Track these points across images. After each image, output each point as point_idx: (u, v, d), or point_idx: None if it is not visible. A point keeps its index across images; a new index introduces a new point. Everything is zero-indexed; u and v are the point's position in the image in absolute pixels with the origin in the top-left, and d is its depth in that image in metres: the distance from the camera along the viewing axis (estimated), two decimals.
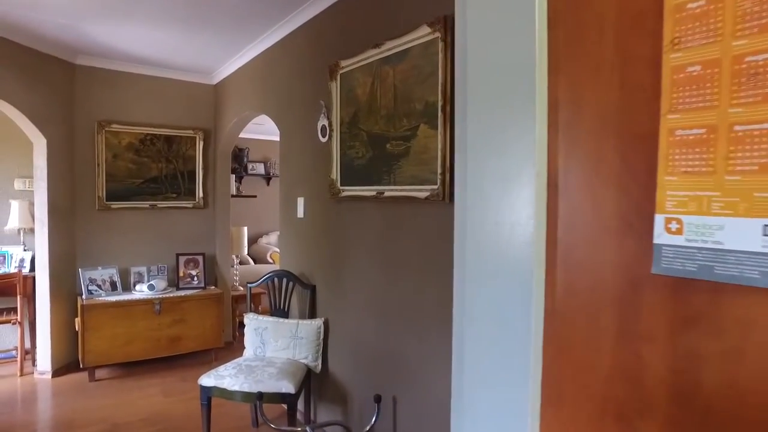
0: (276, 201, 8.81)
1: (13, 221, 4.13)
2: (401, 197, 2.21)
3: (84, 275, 3.81)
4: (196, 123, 4.46)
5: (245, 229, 4.87)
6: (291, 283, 2.96)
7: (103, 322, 3.66)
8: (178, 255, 4.26)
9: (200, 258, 4.33)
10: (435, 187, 2.02)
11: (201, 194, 4.47)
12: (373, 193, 2.39)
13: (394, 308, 2.27)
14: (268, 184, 7.84)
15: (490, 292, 0.95)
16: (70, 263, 3.90)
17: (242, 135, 5.75)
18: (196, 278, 4.27)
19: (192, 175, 4.44)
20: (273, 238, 7.89)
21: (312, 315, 2.91)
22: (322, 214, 2.83)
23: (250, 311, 3.00)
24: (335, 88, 2.67)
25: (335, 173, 2.67)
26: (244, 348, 2.89)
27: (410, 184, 2.18)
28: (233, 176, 5.97)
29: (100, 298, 3.77)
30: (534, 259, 0.87)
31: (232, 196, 5.01)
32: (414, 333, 2.15)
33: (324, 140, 2.79)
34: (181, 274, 4.24)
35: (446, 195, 1.97)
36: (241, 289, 5.00)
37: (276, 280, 3.00)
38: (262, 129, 6.88)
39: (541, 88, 0.83)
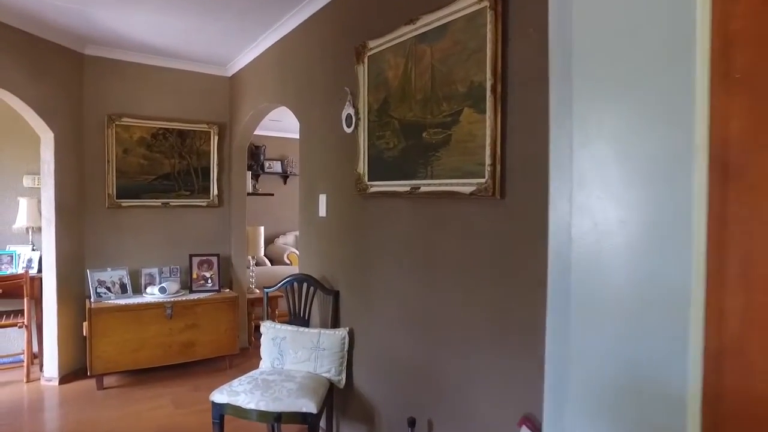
0: (294, 200, 8.57)
1: (22, 219, 3.95)
2: (441, 192, 1.93)
3: (92, 277, 3.61)
4: (211, 117, 4.24)
5: (262, 229, 4.64)
6: (312, 289, 2.70)
7: (112, 327, 3.45)
8: (191, 256, 4.04)
9: (214, 259, 4.11)
10: (482, 180, 1.73)
11: (215, 192, 4.24)
12: (407, 188, 2.11)
13: (433, 320, 1.99)
14: (285, 182, 7.63)
15: (616, 333, 0.65)
16: (78, 264, 3.70)
17: (259, 132, 5.53)
18: (210, 281, 4.05)
19: (206, 171, 4.21)
20: (290, 238, 7.67)
21: (335, 324, 2.64)
22: (347, 212, 2.57)
23: (267, 319, 2.74)
24: (362, 72, 2.40)
25: (362, 167, 2.40)
26: (260, 358, 2.64)
27: (451, 178, 1.90)
28: (249, 174, 5.75)
29: (109, 302, 3.56)
30: (692, 279, 0.57)
31: (249, 194, 4.78)
32: (456, 349, 1.86)
33: (349, 131, 2.52)
34: (194, 276, 4.02)
35: (497, 190, 1.68)
36: (257, 291, 4.76)
37: (295, 284, 2.74)
38: (280, 126, 6.66)
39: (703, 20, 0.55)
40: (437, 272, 1.97)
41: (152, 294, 3.76)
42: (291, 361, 2.52)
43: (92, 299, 3.55)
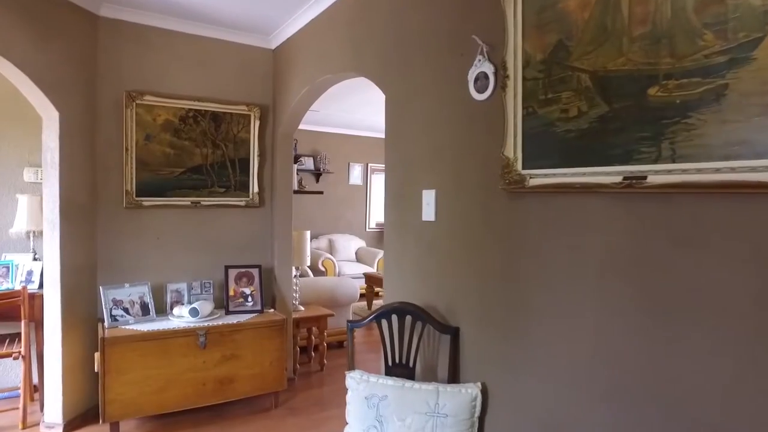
0: (328, 200, 7.82)
1: (21, 221, 3.21)
2: (698, 184, 1.13)
3: (107, 295, 2.85)
4: (251, 97, 3.47)
5: (308, 233, 3.86)
6: (419, 324, 1.91)
7: (132, 361, 2.68)
8: (227, 268, 3.28)
9: (255, 272, 3.34)
10: None
11: (256, 189, 3.47)
12: (616, 178, 1.31)
13: (668, 393, 1.19)
14: (317, 180, 6.89)
15: None
16: (89, 278, 2.94)
17: None
18: (250, 298, 3.28)
19: (245, 164, 3.45)
20: (323, 242, 6.92)
21: (454, 376, 1.85)
22: (476, 215, 1.78)
23: (354, 367, 1.96)
24: (513, 8, 1.61)
25: (512, 148, 1.61)
26: (346, 422, 1.86)
27: (726, 159, 1.10)
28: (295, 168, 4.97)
29: (128, 327, 2.80)
30: None
31: (294, 191, 4.00)
32: None
33: (483, 97, 1.74)
34: (231, 292, 3.25)
35: None
36: (302, 309, 3.99)
37: (395, 318, 1.95)
38: (311, 118, 5.92)
39: None
40: (685, 319, 1.18)
41: (181, 317, 2.99)
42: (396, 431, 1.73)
43: (106, 324, 2.78)
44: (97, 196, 2.98)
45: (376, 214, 8.58)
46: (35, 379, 3.11)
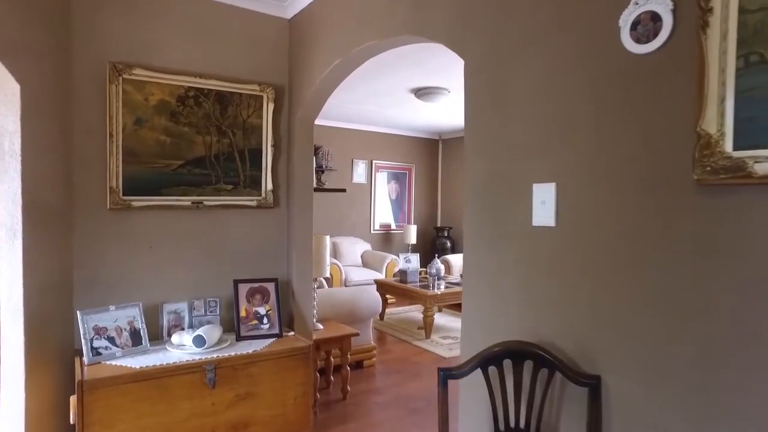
0: (331, 200, 7.18)
1: None
2: None
3: (86, 322, 2.21)
4: (264, 75, 2.86)
5: (327, 238, 3.27)
6: (544, 373, 1.35)
7: (121, 409, 2.06)
8: (236, 282, 2.67)
9: (271, 286, 2.74)
10: None
11: (269, 186, 2.87)
12: None
13: None
14: (320, 178, 6.28)
15: None
16: (63, 301, 2.30)
17: None
18: (266, 319, 2.67)
19: (256, 155, 2.84)
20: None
21: None
22: (636, 217, 1.21)
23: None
24: None
25: (714, 120, 1.06)
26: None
27: None
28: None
29: (115, 362, 2.18)
30: None
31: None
32: None
33: (647, 49, 1.18)
34: (242, 313, 2.64)
35: None
36: (321, 327, 3.40)
37: (507, 364, 1.38)
38: None
39: None
40: None
41: (182, 346, 2.38)
42: None
43: (86, 359, 2.15)
44: (72, 194, 2.34)
45: (381, 215, 8.01)
46: None
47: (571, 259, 1.37)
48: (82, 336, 2.16)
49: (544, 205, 1.44)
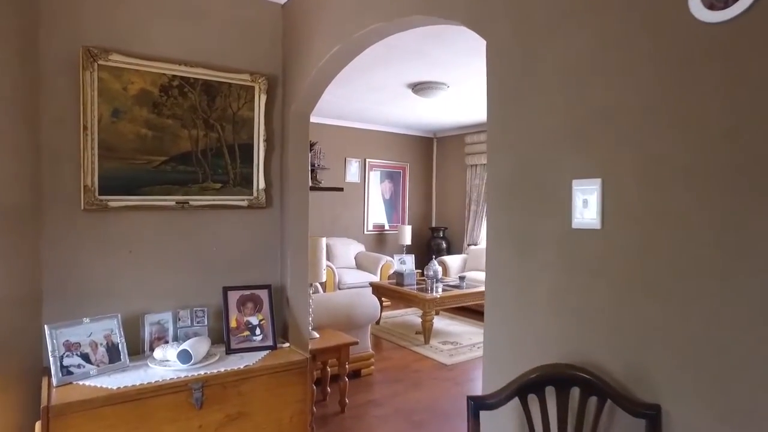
0: (323, 199, 6.95)
1: None
2: None
3: (55, 337, 1.96)
4: (256, 64, 2.64)
5: (323, 240, 3.06)
6: (592, 400, 1.15)
7: None
8: (226, 290, 2.44)
9: (264, 294, 2.51)
10: None
11: (262, 184, 2.65)
12: None
13: None
14: (315, 177, 6.06)
15: None
16: (29, 314, 2.05)
17: None
18: (259, 330, 2.45)
19: (247, 151, 2.61)
20: None
21: None
22: (717, 219, 1.02)
23: None
24: None
25: None
26: None
27: None
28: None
29: (89, 383, 1.94)
30: None
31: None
32: None
33: (724, 16, 0.99)
34: (233, 323, 2.41)
35: None
36: (317, 335, 3.18)
37: (551, 391, 1.18)
38: None
39: None
40: None
41: (165, 361, 2.14)
42: None
43: (55, 380, 1.91)
44: (40, 193, 2.09)
45: (374, 215, 7.80)
46: None
47: (622, 266, 1.17)
48: (50, 353, 1.91)
49: (586, 204, 1.25)
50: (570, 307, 1.29)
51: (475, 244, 7.37)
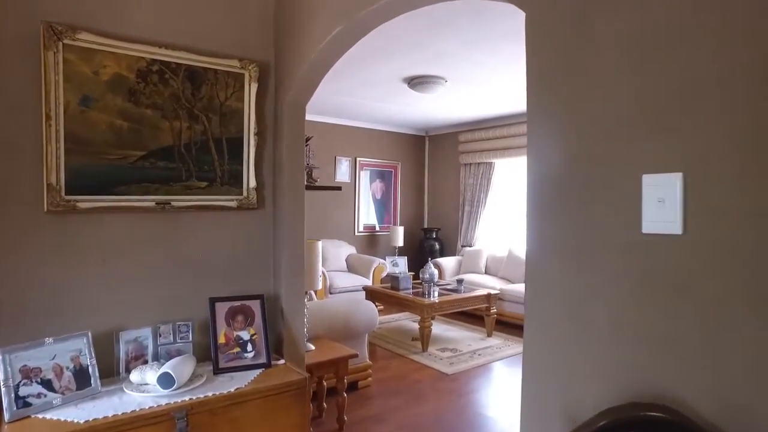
0: (313, 200, 6.66)
1: None
2: None
3: (8, 362, 1.67)
4: (246, 49, 2.37)
5: (320, 244, 2.80)
6: None
7: None
8: (213, 301, 2.17)
9: (256, 305, 2.25)
10: None
11: (253, 182, 2.38)
12: None
13: None
14: (310, 175, 5.78)
15: None
16: None
17: None
18: (250, 346, 2.18)
19: (236, 145, 2.34)
20: None
21: None
22: None
23: None
24: None
25: None
26: None
27: None
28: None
29: (50, 416, 1.65)
30: None
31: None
32: None
33: None
34: (221, 339, 2.14)
35: None
36: (312, 347, 2.92)
37: None
38: None
39: None
40: None
41: (144, 386, 1.86)
42: None
43: (6, 414, 1.61)
44: None
45: (365, 216, 7.55)
46: None
47: (715, 281, 0.95)
48: (2, 383, 1.61)
49: (662, 204, 1.02)
50: (641, 332, 1.06)
51: (470, 246, 7.17)
